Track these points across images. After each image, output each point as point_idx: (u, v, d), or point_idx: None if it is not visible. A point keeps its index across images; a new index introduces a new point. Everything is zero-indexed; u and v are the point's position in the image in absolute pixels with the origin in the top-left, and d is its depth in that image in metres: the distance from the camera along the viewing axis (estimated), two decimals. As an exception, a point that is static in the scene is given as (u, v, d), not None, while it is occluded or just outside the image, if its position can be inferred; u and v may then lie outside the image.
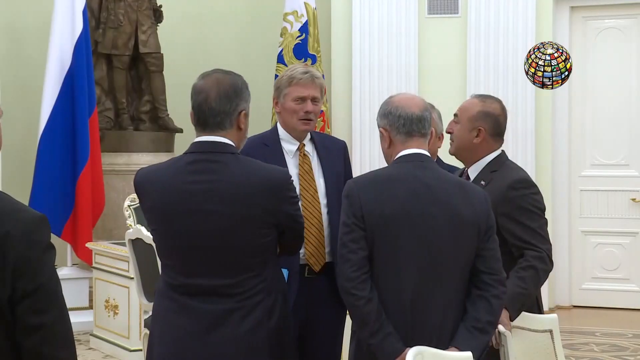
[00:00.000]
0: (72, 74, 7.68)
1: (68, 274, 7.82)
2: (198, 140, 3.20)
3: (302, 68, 4.03)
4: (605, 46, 8.51)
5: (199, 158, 3.16)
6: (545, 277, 3.71)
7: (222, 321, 3.10)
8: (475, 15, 8.40)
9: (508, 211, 3.71)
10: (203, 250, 3.11)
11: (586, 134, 8.61)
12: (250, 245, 3.12)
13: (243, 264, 3.12)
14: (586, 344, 7.21)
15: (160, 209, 3.17)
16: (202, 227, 3.09)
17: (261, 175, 3.14)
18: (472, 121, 3.88)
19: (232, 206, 3.09)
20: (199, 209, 3.10)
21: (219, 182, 3.11)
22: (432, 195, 3.16)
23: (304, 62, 8.55)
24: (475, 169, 3.91)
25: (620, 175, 8.50)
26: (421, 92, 8.40)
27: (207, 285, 3.12)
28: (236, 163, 3.15)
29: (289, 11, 8.65)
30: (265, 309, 3.14)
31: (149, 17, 8.81)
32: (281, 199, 3.15)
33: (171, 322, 3.18)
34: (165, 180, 3.17)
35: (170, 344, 3.18)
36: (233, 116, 3.18)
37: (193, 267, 3.14)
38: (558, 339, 3.69)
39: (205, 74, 3.26)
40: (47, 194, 7.62)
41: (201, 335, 3.11)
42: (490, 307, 3.18)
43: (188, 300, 3.14)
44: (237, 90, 3.20)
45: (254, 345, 3.12)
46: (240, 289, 3.12)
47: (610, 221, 8.54)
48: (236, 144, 3.21)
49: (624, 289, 8.47)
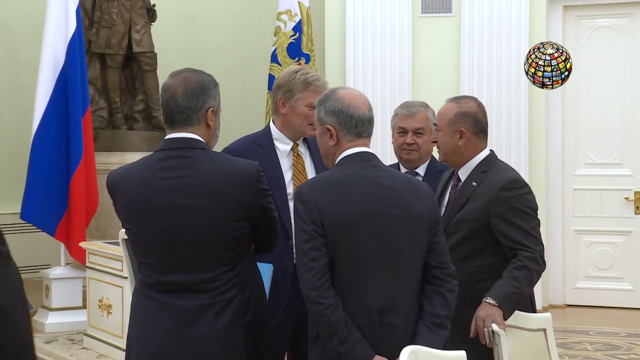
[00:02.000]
0: (65, 73, 7.65)
1: (62, 273, 7.80)
2: (168, 137, 3.24)
3: (314, 73, 4.00)
4: (599, 45, 8.53)
5: (169, 155, 3.19)
6: (538, 277, 3.72)
7: (197, 317, 3.12)
8: (469, 14, 8.41)
9: (501, 212, 3.72)
10: (177, 246, 3.13)
11: (579, 133, 8.62)
12: (224, 239, 3.13)
13: (217, 258, 3.14)
14: (580, 343, 7.22)
15: (134, 206, 3.19)
16: (176, 222, 3.12)
17: (233, 169, 3.16)
18: (452, 124, 3.87)
19: (205, 200, 3.11)
20: (172, 205, 3.12)
21: (190, 177, 3.13)
22: (388, 195, 3.15)
23: (297, 61, 8.55)
24: (466, 171, 3.91)
25: (613, 175, 8.52)
26: (415, 91, 8.42)
27: (182, 282, 3.14)
28: (207, 158, 3.17)
29: (282, 10, 8.65)
30: (239, 304, 3.16)
31: (143, 16, 8.80)
32: (254, 192, 3.17)
33: (148, 320, 3.20)
34: (137, 178, 3.20)
35: (148, 342, 3.19)
36: (200, 113, 3.21)
37: (168, 264, 3.16)
38: (552, 338, 3.70)
39: (174, 73, 3.32)
40: (41, 194, 7.60)
41: (178, 332, 3.13)
42: (446, 301, 3.20)
43: (164, 297, 3.16)
44: (203, 87, 3.24)
45: (230, 340, 3.14)
46: (215, 284, 3.13)
47: (603, 220, 8.55)
48: (206, 141, 3.24)
49: (618, 288, 8.48)
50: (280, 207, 3.86)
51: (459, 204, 3.84)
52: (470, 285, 3.70)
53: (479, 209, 3.76)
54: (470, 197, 3.81)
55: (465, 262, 3.75)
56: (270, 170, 3.89)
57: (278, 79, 4.02)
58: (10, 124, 9.12)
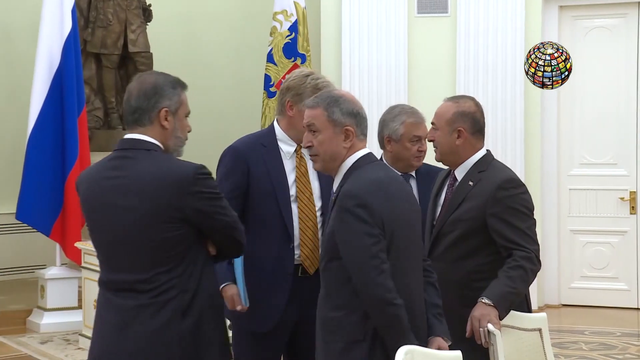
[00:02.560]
0: (61, 73, 7.65)
1: (57, 273, 7.80)
2: (122, 138, 3.30)
3: (324, 79, 3.96)
4: (594, 45, 8.53)
5: (116, 155, 3.26)
6: (533, 277, 3.72)
7: (134, 317, 3.15)
8: (465, 14, 8.41)
9: (497, 211, 3.72)
10: (118, 245, 3.19)
11: (575, 133, 8.63)
12: (157, 240, 3.13)
13: (154, 258, 3.15)
14: (575, 343, 7.23)
15: (85, 205, 3.30)
16: (114, 221, 3.18)
17: (166, 170, 3.16)
18: (451, 124, 3.87)
19: (138, 200, 3.13)
20: (111, 204, 3.18)
21: (127, 177, 3.17)
22: (411, 193, 3.35)
23: (293, 61, 8.56)
24: (462, 170, 3.90)
25: (608, 175, 8.53)
26: (410, 92, 8.42)
27: (125, 281, 3.18)
28: (147, 158, 3.19)
29: (278, 10, 8.65)
30: (177, 307, 3.14)
31: (138, 16, 8.80)
32: (187, 194, 3.13)
33: (99, 317, 3.28)
34: (89, 177, 3.30)
35: (97, 339, 3.27)
36: (152, 113, 3.23)
37: (114, 263, 3.23)
38: (547, 337, 3.70)
39: (137, 76, 3.37)
40: (36, 193, 7.60)
41: (118, 331, 3.17)
42: (437, 291, 3.38)
43: (111, 295, 3.22)
44: (157, 88, 3.24)
45: (164, 342, 3.13)
46: (152, 285, 3.14)
47: (598, 220, 8.56)
48: (162, 142, 3.25)
49: (613, 288, 8.49)
50: (283, 208, 3.86)
51: (455, 204, 3.84)
52: (466, 284, 3.71)
53: (476, 209, 3.76)
54: (467, 196, 3.81)
55: (462, 262, 3.75)
56: (274, 171, 3.89)
57: (288, 81, 3.97)
58: (6, 124, 9.10)
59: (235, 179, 3.88)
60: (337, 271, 3.21)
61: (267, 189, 3.87)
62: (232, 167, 3.90)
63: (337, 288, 3.22)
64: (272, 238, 3.87)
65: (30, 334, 7.64)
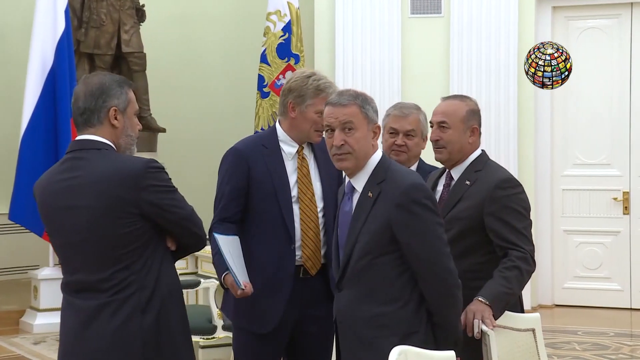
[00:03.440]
0: (54, 73, 7.64)
1: (49, 274, 7.79)
2: (73, 140, 3.33)
3: (326, 79, 3.94)
4: (587, 46, 8.55)
5: (67, 157, 3.28)
6: (528, 278, 3.72)
7: (95, 317, 3.16)
8: (458, 15, 8.42)
9: (494, 210, 3.72)
10: (75, 246, 3.21)
11: (568, 133, 8.64)
12: (114, 237, 3.14)
13: (111, 256, 3.16)
14: (568, 343, 7.24)
15: (41, 210, 3.33)
16: (69, 222, 3.19)
17: (118, 166, 3.17)
18: (465, 122, 3.86)
19: (92, 199, 3.14)
20: (65, 206, 3.20)
21: (80, 177, 3.19)
22: None
23: (287, 61, 8.55)
24: (459, 170, 3.90)
25: (602, 175, 8.54)
26: (404, 92, 8.42)
27: (84, 281, 3.20)
28: (99, 158, 3.20)
29: (272, 11, 8.64)
30: (136, 304, 3.16)
31: (132, 16, 8.78)
32: (139, 188, 3.14)
33: (62, 320, 3.30)
34: (43, 182, 3.33)
35: (61, 341, 3.30)
36: (101, 113, 3.24)
37: (71, 264, 3.25)
38: (540, 337, 3.70)
39: (82, 78, 3.39)
40: (29, 194, 7.51)
41: (78, 331, 3.19)
42: None
43: (71, 297, 3.24)
44: (103, 87, 3.25)
45: (124, 340, 3.15)
46: (111, 283, 3.16)
47: (592, 220, 8.57)
48: (114, 141, 3.26)
49: (606, 288, 8.50)
50: (284, 209, 3.85)
51: (451, 203, 3.84)
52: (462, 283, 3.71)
53: (473, 207, 3.76)
54: (464, 195, 3.81)
55: (457, 261, 3.73)
56: (275, 172, 3.88)
57: (289, 82, 3.95)
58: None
59: (236, 179, 3.88)
60: (387, 265, 3.26)
61: (269, 190, 3.87)
62: (234, 168, 3.90)
63: (387, 283, 3.26)
64: (273, 239, 3.86)
65: (23, 335, 7.63)
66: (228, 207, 3.87)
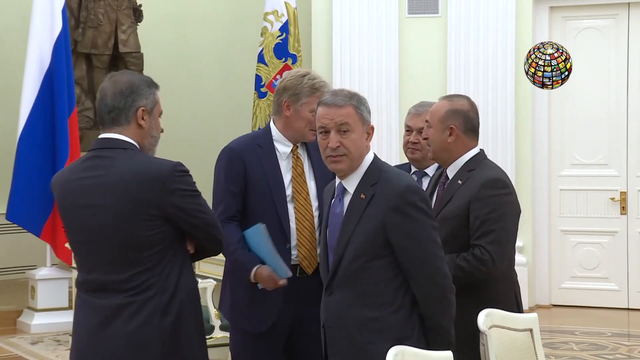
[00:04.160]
0: (51, 73, 7.64)
1: (48, 274, 7.79)
2: (97, 138, 3.28)
3: (320, 78, 3.95)
4: (585, 46, 8.55)
5: (92, 155, 3.24)
6: (474, 279, 3.69)
7: (113, 317, 3.13)
8: (456, 15, 8.43)
9: (476, 208, 3.71)
10: (95, 245, 3.17)
11: (565, 133, 8.65)
12: (137, 239, 3.12)
13: (132, 258, 3.13)
14: (566, 343, 7.24)
15: (61, 206, 3.28)
16: (92, 222, 3.15)
17: (145, 167, 3.14)
18: (443, 121, 3.86)
19: (116, 199, 3.11)
20: (88, 204, 3.16)
21: (104, 176, 3.15)
22: None
23: (284, 61, 8.56)
24: (454, 169, 3.90)
25: (599, 175, 8.55)
26: (402, 92, 8.42)
27: (102, 281, 3.17)
28: (124, 157, 3.17)
29: (269, 11, 8.65)
30: (157, 306, 3.13)
31: (129, 16, 8.79)
32: (165, 191, 3.12)
33: (77, 319, 3.27)
34: (64, 178, 3.28)
35: (75, 341, 3.26)
36: (129, 112, 3.22)
37: (90, 263, 3.21)
38: (538, 338, 3.70)
39: (110, 75, 3.35)
40: (27, 194, 7.58)
41: (95, 331, 3.16)
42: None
43: (88, 296, 3.21)
44: (133, 87, 3.23)
45: (143, 342, 3.12)
46: (131, 284, 3.13)
47: (589, 220, 8.58)
48: (139, 141, 3.24)
49: (603, 288, 8.51)
50: (280, 208, 3.86)
51: (443, 202, 3.83)
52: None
53: (461, 207, 3.74)
54: (454, 195, 3.80)
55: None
56: (270, 171, 3.88)
57: (284, 81, 3.95)
58: (-4, 124, 9.08)
59: (234, 179, 3.87)
60: (381, 269, 3.20)
61: (264, 190, 3.86)
62: (229, 167, 3.89)
63: (380, 286, 3.21)
64: None
65: (21, 335, 7.62)
66: (230, 207, 3.87)
